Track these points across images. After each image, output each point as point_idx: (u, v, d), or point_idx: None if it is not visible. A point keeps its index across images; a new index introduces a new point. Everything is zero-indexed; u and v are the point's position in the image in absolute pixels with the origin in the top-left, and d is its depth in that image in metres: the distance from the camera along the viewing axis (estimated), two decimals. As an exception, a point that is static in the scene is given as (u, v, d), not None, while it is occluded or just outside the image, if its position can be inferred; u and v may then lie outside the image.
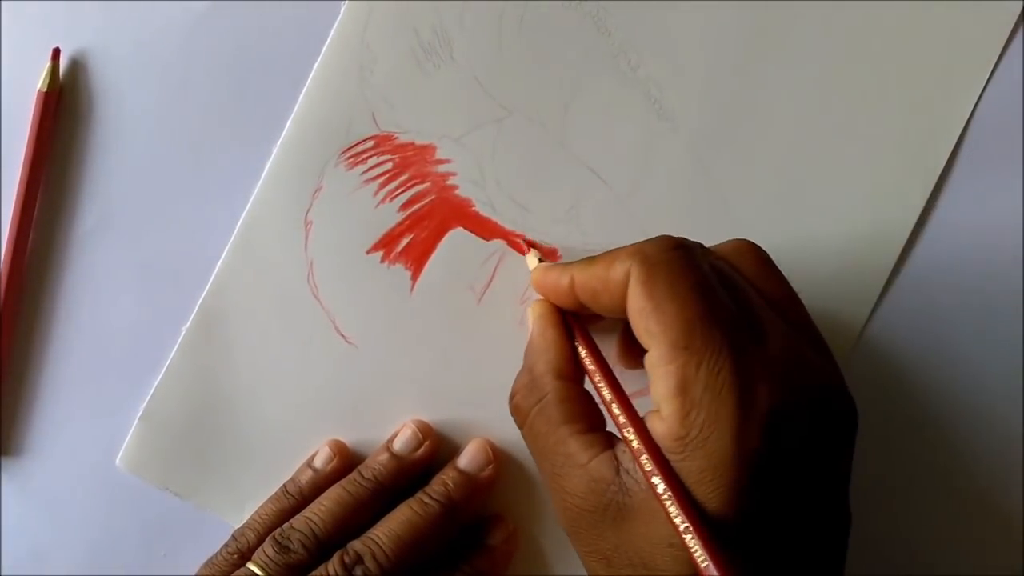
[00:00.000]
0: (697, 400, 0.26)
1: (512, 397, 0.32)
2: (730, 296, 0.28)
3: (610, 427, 0.30)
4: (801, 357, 0.29)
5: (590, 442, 0.29)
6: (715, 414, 0.26)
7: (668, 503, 0.26)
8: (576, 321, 0.33)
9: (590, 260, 0.31)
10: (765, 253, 0.31)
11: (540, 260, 0.36)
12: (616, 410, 0.29)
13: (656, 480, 0.27)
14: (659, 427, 0.27)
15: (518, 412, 0.32)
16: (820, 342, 0.30)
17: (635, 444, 0.28)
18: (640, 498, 0.27)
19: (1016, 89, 0.37)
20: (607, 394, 0.30)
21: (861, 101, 0.37)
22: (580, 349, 0.32)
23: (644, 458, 0.27)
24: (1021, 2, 0.37)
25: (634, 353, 0.34)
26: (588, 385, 0.31)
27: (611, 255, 0.30)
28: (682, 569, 0.26)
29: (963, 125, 0.37)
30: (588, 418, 0.30)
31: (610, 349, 0.34)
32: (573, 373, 0.32)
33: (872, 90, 0.37)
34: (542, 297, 0.34)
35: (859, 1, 0.37)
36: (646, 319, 0.28)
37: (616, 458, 0.29)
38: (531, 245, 0.37)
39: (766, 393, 0.27)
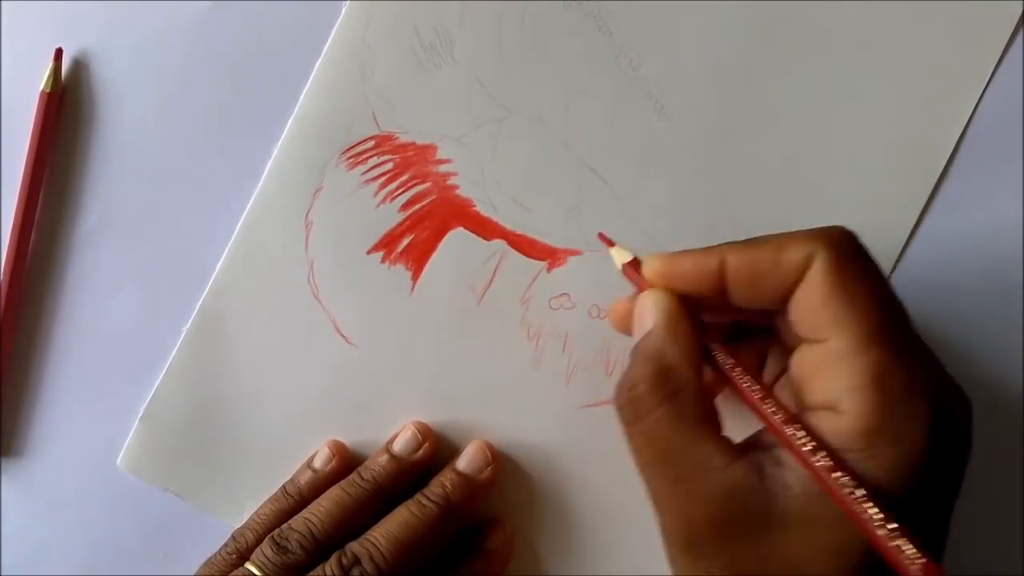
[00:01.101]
0: (896, 394, 0.25)
1: (631, 389, 0.28)
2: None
3: (734, 428, 0.28)
4: (935, 360, 0.28)
5: (727, 445, 0.27)
6: (913, 410, 0.25)
7: (862, 505, 0.24)
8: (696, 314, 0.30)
9: (748, 242, 0.29)
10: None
11: (632, 255, 0.33)
12: (770, 407, 0.27)
13: (843, 481, 0.25)
14: (834, 423, 0.26)
15: (637, 405, 0.28)
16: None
17: (802, 443, 0.26)
18: (793, 504, 0.26)
19: (1016, 89, 0.37)
20: (756, 391, 0.28)
21: (861, 101, 0.37)
22: (711, 345, 0.29)
23: (819, 457, 0.25)
24: (1021, 2, 0.37)
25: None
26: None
27: (780, 237, 0.28)
28: None
29: (963, 125, 0.37)
30: (717, 420, 0.28)
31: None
32: (702, 369, 0.29)
33: (872, 90, 0.37)
34: (661, 285, 0.30)
35: (860, 1, 0.37)
36: (834, 306, 0.26)
37: (758, 462, 0.27)
38: (610, 242, 0.34)
39: (942, 390, 0.26)
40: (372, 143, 0.38)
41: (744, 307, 0.29)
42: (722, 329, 0.33)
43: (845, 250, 0.27)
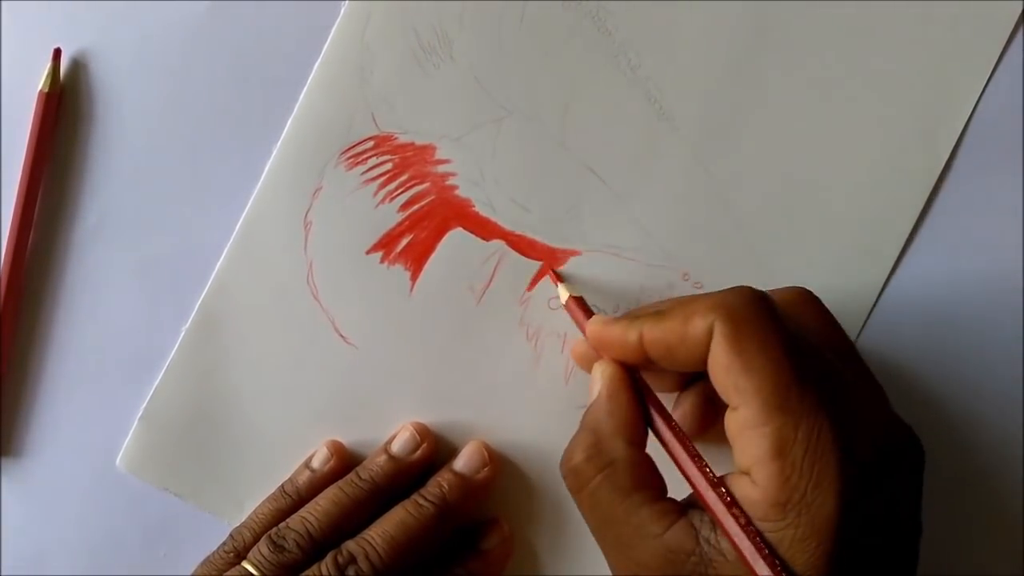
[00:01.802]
0: (799, 463, 0.25)
1: (569, 460, 0.30)
2: (810, 351, 0.27)
3: (674, 492, 0.29)
4: (873, 408, 0.28)
5: (663, 510, 0.28)
6: (818, 477, 0.25)
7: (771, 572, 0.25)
8: (641, 381, 0.31)
9: (659, 314, 0.29)
10: (821, 302, 0.31)
11: (572, 296, 0.35)
12: (695, 477, 0.28)
13: (749, 552, 0.25)
14: (752, 493, 0.26)
15: (577, 476, 0.30)
16: (878, 388, 0.30)
17: (721, 516, 0.26)
18: (726, 570, 0.26)
19: (1016, 89, 0.37)
20: (685, 461, 0.28)
21: (861, 101, 0.37)
22: (651, 411, 0.30)
23: (732, 530, 0.26)
24: (1021, 2, 0.37)
25: (696, 414, 0.33)
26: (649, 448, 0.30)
27: (685, 308, 0.29)
28: None
29: (963, 125, 0.37)
30: (656, 485, 0.29)
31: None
32: (641, 438, 0.30)
33: (872, 90, 0.37)
34: (598, 353, 0.32)
35: (859, 1, 0.37)
36: (735, 377, 0.27)
37: (693, 526, 0.27)
38: (558, 277, 0.37)
39: (859, 450, 0.26)
40: (371, 143, 0.38)
41: (676, 371, 0.31)
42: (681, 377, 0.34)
43: (742, 317, 0.27)
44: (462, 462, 0.37)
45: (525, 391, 0.38)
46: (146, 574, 0.39)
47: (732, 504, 0.27)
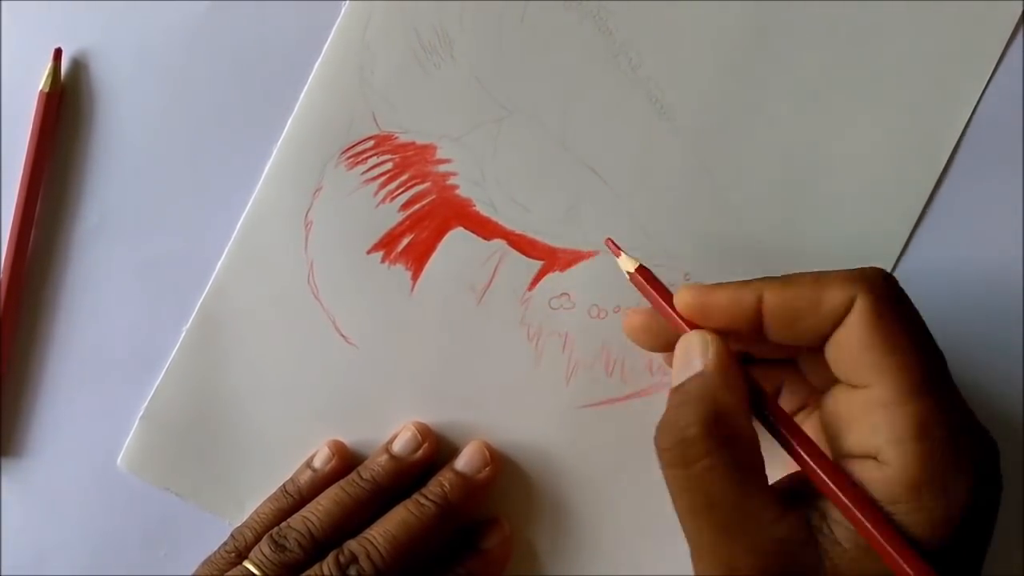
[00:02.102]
0: (940, 445, 0.25)
1: (678, 431, 0.27)
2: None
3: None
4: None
5: (776, 497, 0.26)
6: (957, 463, 0.25)
7: (907, 563, 0.24)
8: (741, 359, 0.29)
9: (787, 279, 0.28)
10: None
11: (640, 265, 0.32)
12: (813, 461, 0.26)
13: (879, 538, 0.25)
14: (880, 474, 0.26)
15: (689, 449, 0.27)
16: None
17: (850, 499, 0.25)
18: (844, 561, 0.25)
19: (1016, 89, 0.37)
20: (803, 443, 0.27)
21: (861, 101, 0.37)
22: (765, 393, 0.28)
23: (868, 514, 0.25)
24: (1021, 2, 0.37)
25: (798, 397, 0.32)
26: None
27: (821, 277, 0.27)
28: None
29: (963, 125, 0.37)
30: (764, 472, 0.27)
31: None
32: (751, 418, 0.28)
33: (872, 90, 0.37)
34: (695, 319, 0.30)
35: (859, 1, 0.37)
36: (874, 355, 0.26)
37: (806, 516, 0.26)
38: (619, 248, 0.33)
39: (979, 439, 0.26)
40: (372, 143, 0.38)
41: (779, 343, 0.29)
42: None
43: (887, 295, 0.27)
44: (463, 462, 0.37)
45: (526, 391, 0.38)
46: (147, 574, 0.39)
47: (857, 488, 0.25)
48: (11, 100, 0.39)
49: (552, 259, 0.38)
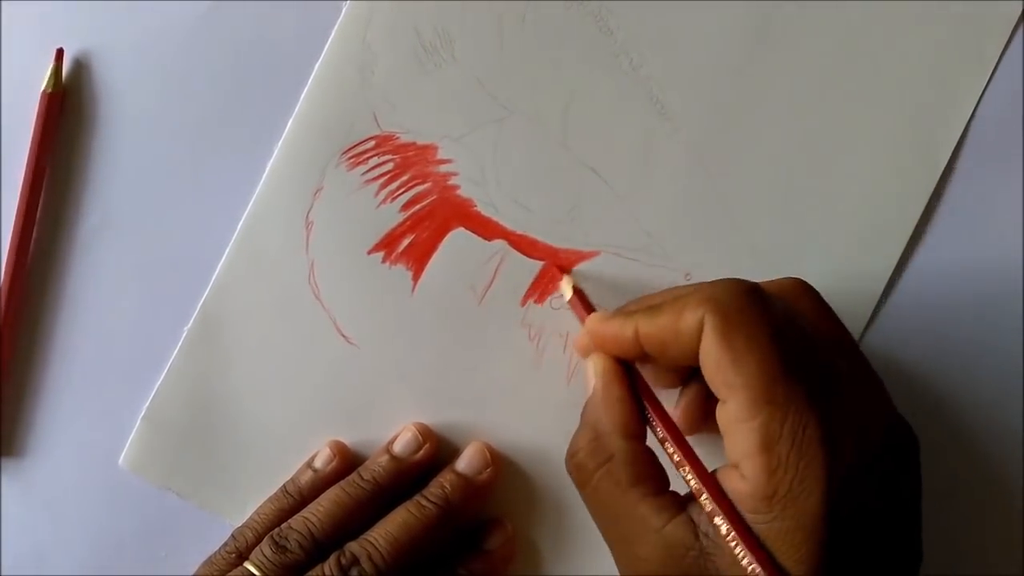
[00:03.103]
0: (784, 457, 0.26)
1: (573, 456, 0.31)
2: (803, 344, 0.27)
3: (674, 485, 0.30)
4: (869, 402, 0.28)
5: (663, 504, 0.28)
6: (804, 472, 0.25)
7: (754, 571, 0.25)
8: (638, 375, 0.32)
9: (654, 309, 0.30)
10: (818, 293, 0.31)
11: (575, 287, 0.36)
12: (687, 473, 0.28)
13: (737, 547, 0.26)
14: (741, 486, 0.27)
15: (580, 472, 0.30)
16: (875, 379, 0.30)
17: (710, 509, 0.27)
18: (724, 562, 0.26)
19: (1016, 89, 0.37)
20: (677, 455, 0.29)
21: (861, 101, 0.37)
22: (646, 407, 0.31)
23: (721, 523, 0.26)
24: (1021, 2, 0.37)
25: (697, 408, 0.33)
26: (650, 441, 0.30)
27: (678, 302, 0.29)
28: None
29: (963, 125, 0.37)
30: (657, 479, 0.29)
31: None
32: (639, 431, 0.30)
33: (872, 90, 0.37)
34: (596, 348, 0.32)
35: (860, 1, 0.37)
36: (724, 371, 0.27)
37: (692, 520, 0.28)
38: (563, 270, 0.37)
39: (849, 446, 0.26)
40: (372, 143, 0.38)
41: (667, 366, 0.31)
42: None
43: (731, 310, 0.27)
44: (464, 463, 0.37)
45: (527, 391, 0.38)
46: (148, 574, 0.39)
47: (720, 496, 0.27)
48: (13, 100, 0.39)
49: (554, 259, 0.38)
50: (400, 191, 0.38)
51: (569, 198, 0.38)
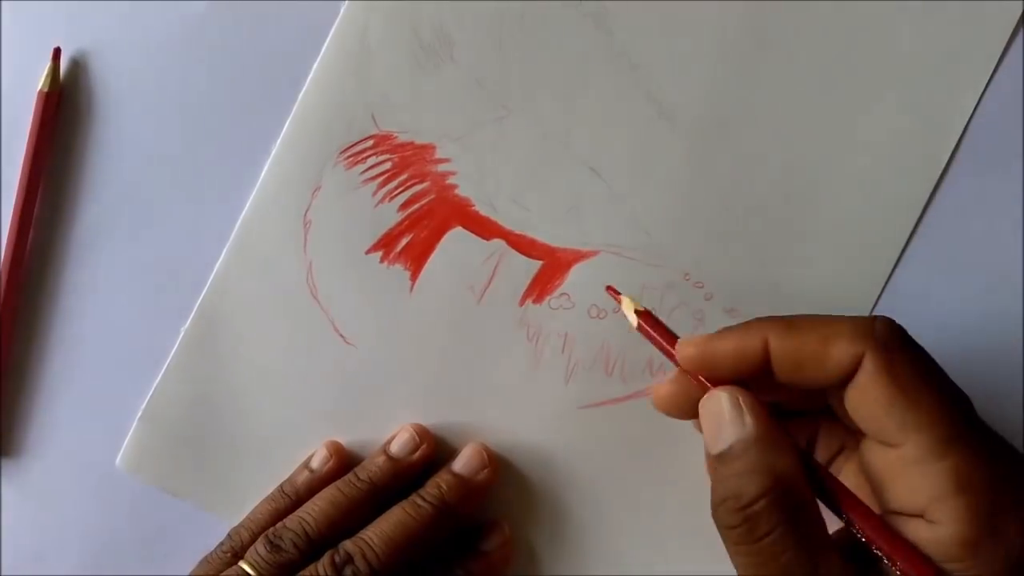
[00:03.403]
0: (986, 497, 0.25)
1: (746, 506, 0.26)
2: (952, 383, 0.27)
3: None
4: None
5: (845, 564, 0.26)
6: (1005, 506, 0.24)
7: None
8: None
9: (789, 324, 0.28)
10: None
11: (642, 310, 0.32)
12: (869, 524, 0.26)
13: None
14: (931, 533, 0.25)
15: (758, 523, 0.26)
16: None
17: (905, 563, 0.25)
18: None
19: (1016, 89, 0.37)
20: (856, 506, 0.27)
21: (861, 101, 0.37)
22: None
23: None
24: (1021, 2, 0.37)
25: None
26: None
27: (824, 327, 0.27)
28: None
29: (963, 125, 0.37)
30: (827, 531, 0.27)
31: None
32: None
33: (872, 90, 0.37)
34: (700, 370, 0.29)
35: (859, 1, 0.37)
36: (901, 413, 0.25)
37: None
38: (617, 292, 0.33)
39: (1020, 474, 0.26)
40: (371, 142, 0.38)
41: (789, 388, 0.29)
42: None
43: (896, 348, 0.26)
44: (461, 463, 0.37)
45: (526, 391, 0.38)
46: (146, 574, 0.39)
47: (913, 549, 0.25)
48: (10, 100, 0.39)
49: (552, 259, 0.38)
50: (398, 190, 0.38)
51: (568, 197, 0.38)
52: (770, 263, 0.37)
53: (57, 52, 0.39)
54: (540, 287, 0.38)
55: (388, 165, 0.38)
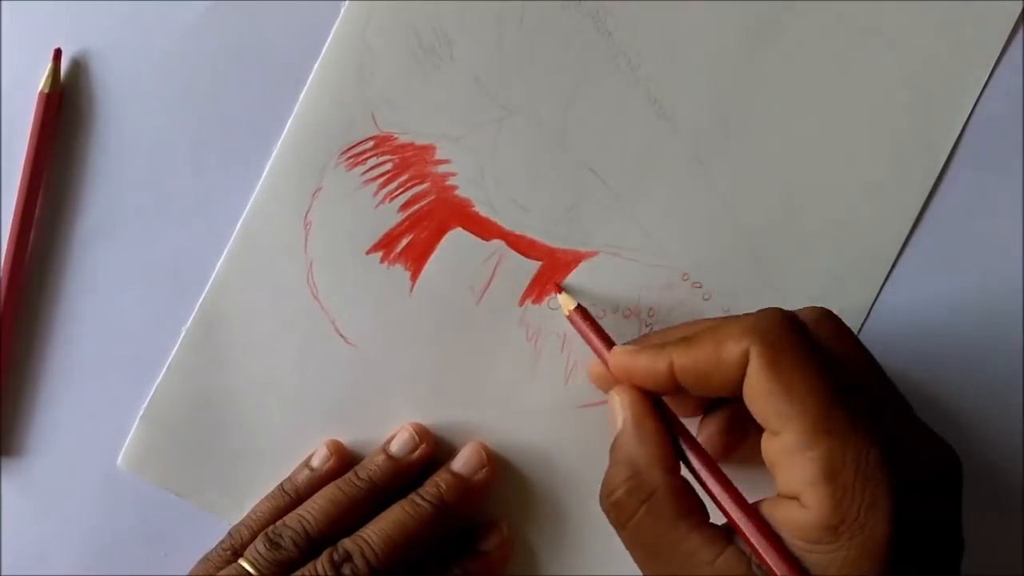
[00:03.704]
0: (850, 485, 0.26)
1: (610, 495, 0.30)
2: (843, 372, 0.28)
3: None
4: (909, 425, 0.28)
5: (710, 537, 0.28)
6: (870, 499, 0.25)
7: None
8: (666, 407, 0.31)
9: (689, 341, 0.29)
10: (841, 320, 0.31)
11: (578, 306, 0.35)
12: (729, 504, 0.28)
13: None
14: (799, 517, 0.26)
15: (620, 510, 0.29)
16: (907, 405, 0.30)
17: (758, 543, 0.27)
18: None
19: (1016, 89, 0.37)
20: (716, 488, 0.29)
21: (860, 101, 0.37)
22: (678, 438, 0.30)
23: (770, 557, 0.26)
24: (1021, 2, 0.37)
25: (720, 438, 0.33)
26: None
27: (716, 332, 0.29)
28: None
29: (963, 125, 0.37)
30: (700, 511, 0.29)
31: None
32: (675, 463, 0.30)
33: (872, 90, 0.37)
34: (621, 382, 0.32)
35: (859, 1, 0.37)
36: (776, 402, 0.27)
37: (744, 552, 0.27)
38: (557, 285, 0.37)
39: (905, 470, 0.26)
40: (371, 143, 0.38)
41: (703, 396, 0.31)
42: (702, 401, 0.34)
43: (778, 340, 0.27)
44: (460, 463, 0.37)
45: (525, 391, 0.38)
46: (147, 574, 0.39)
47: (764, 528, 0.27)
48: (11, 100, 0.39)
49: (552, 259, 0.38)
50: (399, 191, 0.38)
51: (567, 198, 0.38)
52: (768, 263, 0.37)
53: (58, 53, 0.39)
54: (540, 287, 0.38)
55: (389, 166, 0.38)
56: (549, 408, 0.37)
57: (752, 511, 0.28)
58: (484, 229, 0.38)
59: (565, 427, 0.37)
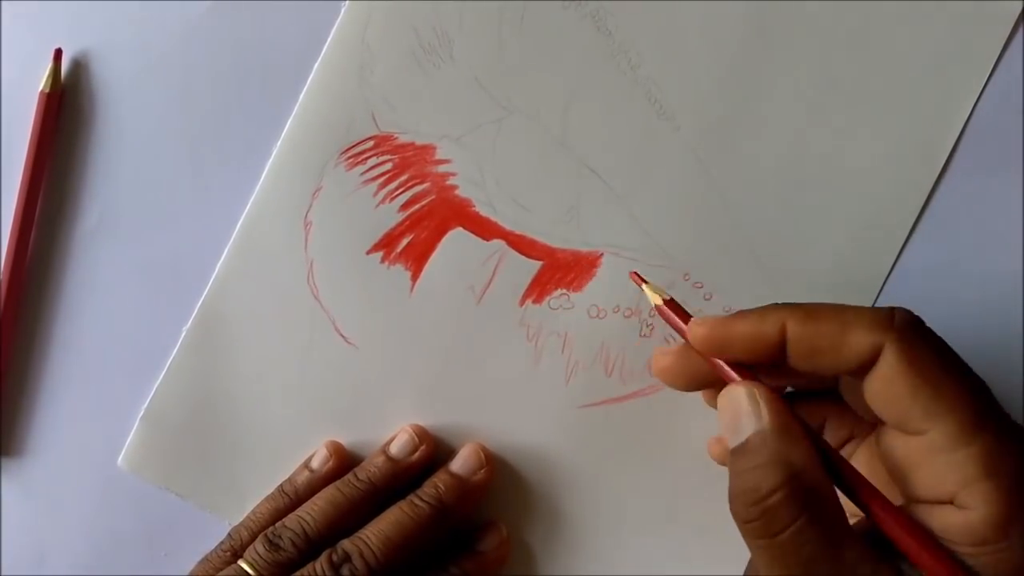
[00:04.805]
0: (1015, 477, 0.25)
1: (758, 501, 0.26)
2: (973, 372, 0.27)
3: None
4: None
5: (868, 551, 0.26)
6: None
7: None
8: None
9: (809, 311, 0.27)
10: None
11: (665, 297, 0.31)
12: (885, 512, 0.26)
13: None
14: (961, 519, 0.25)
15: (774, 518, 0.26)
16: None
17: (914, 552, 0.25)
18: None
19: (1016, 89, 0.37)
20: (872, 494, 0.26)
21: (860, 101, 0.37)
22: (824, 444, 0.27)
23: (935, 567, 0.25)
24: (1021, 2, 0.37)
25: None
26: None
27: (841, 315, 0.27)
28: None
29: (962, 125, 0.37)
30: (847, 521, 0.26)
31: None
32: (824, 467, 0.27)
33: (871, 90, 0.37)
34: (711, 352, 0.29)
35: (859, 1, 0.37)
36: (925, 400, 0.25)
37: (898, 566, 0.26)
38: (641, 278, 0.32)
39: None
40: (371, 143, 0.38)
41: (802, 373, 0.28)
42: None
43: (916, 338, 0.26)
44: (459, 463, 0.37)
45: (525, 391, 0.38)
46: (146, 574, 0.39)
47: (932, 541, 0.25)
48: (11, 100, 0.39)
49: (552, 259, 0.38)
50: (399, 191, 0.38)
51: (568, 198, 0.38)
52: (769, 264, 0.37)
53: (58, 53, 0.39)
54: (540, 287, 0.38)
55: (389, 166, 0.38)
56: (549, 408, 0.37)
57: (912, 519, 0.26)
58: (484, 229, 0.38)
59: (565, 427, 0.37)
